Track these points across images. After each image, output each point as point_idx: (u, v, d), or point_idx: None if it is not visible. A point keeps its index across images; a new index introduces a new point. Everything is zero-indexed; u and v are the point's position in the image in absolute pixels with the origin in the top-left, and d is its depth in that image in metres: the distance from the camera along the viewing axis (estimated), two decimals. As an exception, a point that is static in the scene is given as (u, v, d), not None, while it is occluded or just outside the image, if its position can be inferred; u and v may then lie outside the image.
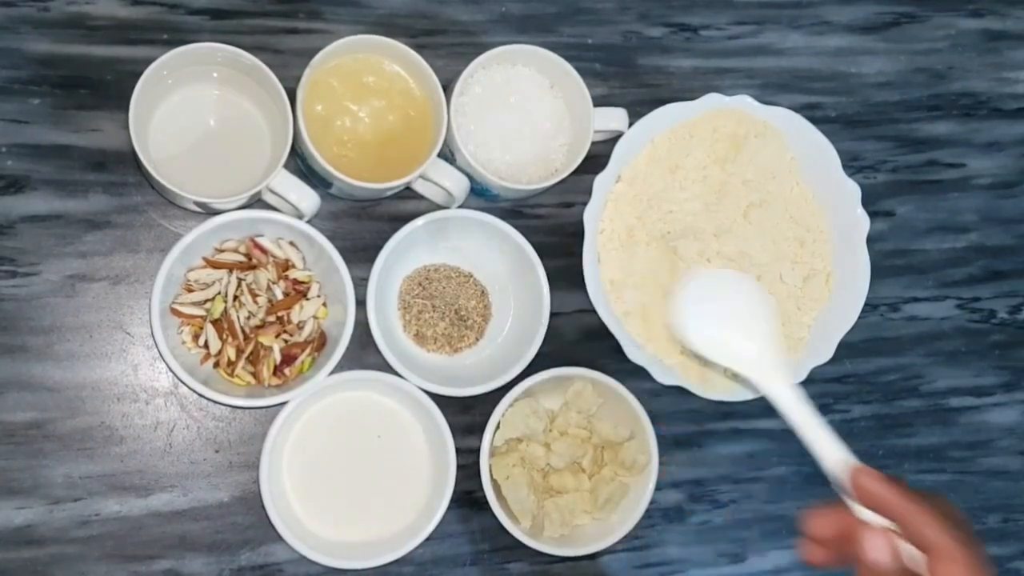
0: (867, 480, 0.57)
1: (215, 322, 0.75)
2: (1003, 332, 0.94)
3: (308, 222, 0.75)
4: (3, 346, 0.74)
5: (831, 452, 0.60)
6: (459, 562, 0.81)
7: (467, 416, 0.80)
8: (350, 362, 0.77)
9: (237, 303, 0.75)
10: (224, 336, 0.75)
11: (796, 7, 0.92)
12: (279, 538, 0.74)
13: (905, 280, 0.93)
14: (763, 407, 0.86)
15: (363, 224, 0.81)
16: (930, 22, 0.96)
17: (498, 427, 0.78)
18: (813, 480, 0.88)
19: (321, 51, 0.74)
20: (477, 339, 0.82)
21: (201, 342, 0.75)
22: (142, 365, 0.77)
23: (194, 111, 0.76)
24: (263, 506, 0.74)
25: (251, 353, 0.75)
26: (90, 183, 0.77)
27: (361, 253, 0.78)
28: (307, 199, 0.74)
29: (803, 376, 0.82)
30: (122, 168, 0.77)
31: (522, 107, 0.81)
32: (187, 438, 0.77)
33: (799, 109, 0.85)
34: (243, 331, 0.75)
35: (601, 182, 0.80)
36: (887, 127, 0.93)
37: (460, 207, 0.79)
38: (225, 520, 0.77)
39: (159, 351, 0.72)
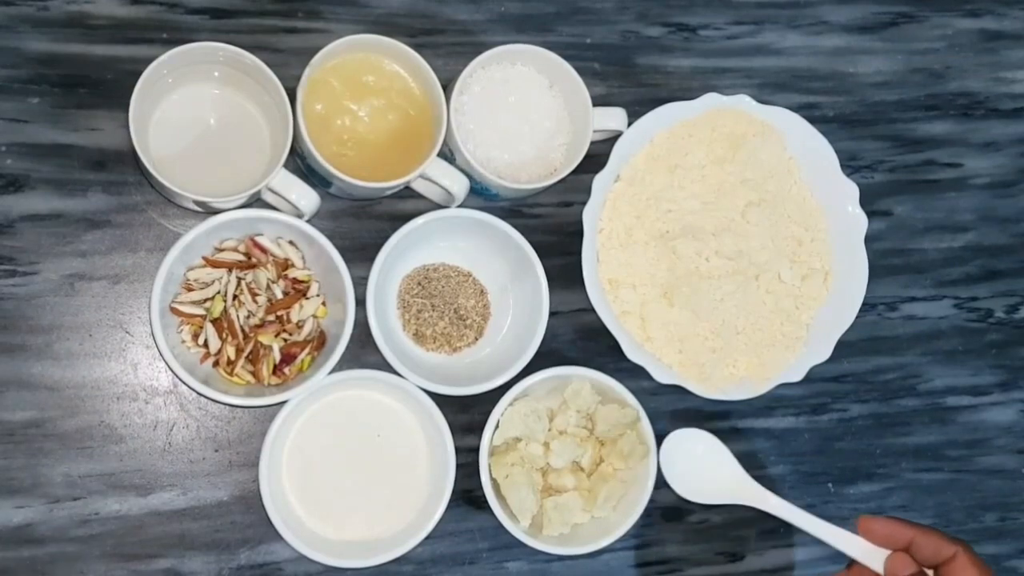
0: (873, 522, 0.68)
1: (215, 321, 0.75)
2: (1000, 331, 0.94)
3: (308, 221, 0.75)
4: (3, 345, 0.74)
5: (835, 532, 0.72)
6: (458, 561, 0.81)
7: (466, 415, 0.81)
8: (349, 361, 0.77)
9: (237, 302, 0.75)
10: (224, 335, 0.75)
11: (794, 7, 0.93)
12: (278, 537, 0.74)
13: (903, 279, 0.93)
14: (762, 407, 0.88)
15: (363, 223, 0.81)
16: (928, 22, 0.96)
17: (497, 426, 0.78)
18: (811, 479, 0.89)
19: (321, 50, 0.74)
20: (476, 338, 0.83)
21: (201, 341, 0.75)
22: (141, 364, 0.77)
23: (194, 110, 0.76)
24: (263, 505, 0.74)
25: (251, 352, 0.75)
26: (89, 182, 0.77)
27: (361, 252, 0.78)
28: (307, 198, 0.74)
29: (801, 375, 0.82)
30: (122, 167, 0.77)
31: (521, 106, 0.81)
32: (186, 437, 0.77)
33: (797, 109, 0.85)
34: (243, 330, 0.75)
35: (600, 181, 0.80)
36: (885, 127, 0.94)
37: (460, 206, 0.79)
38: (225, 519, 0.77)
39: (159, 350, 0.72)
